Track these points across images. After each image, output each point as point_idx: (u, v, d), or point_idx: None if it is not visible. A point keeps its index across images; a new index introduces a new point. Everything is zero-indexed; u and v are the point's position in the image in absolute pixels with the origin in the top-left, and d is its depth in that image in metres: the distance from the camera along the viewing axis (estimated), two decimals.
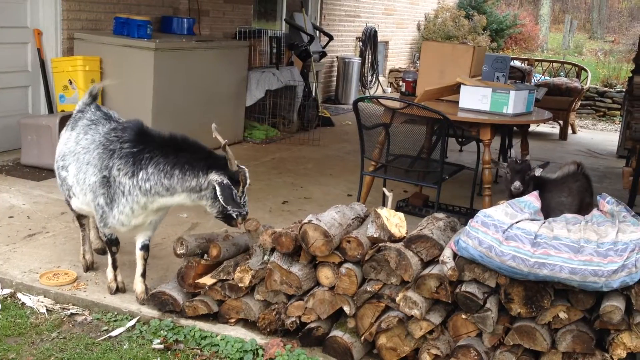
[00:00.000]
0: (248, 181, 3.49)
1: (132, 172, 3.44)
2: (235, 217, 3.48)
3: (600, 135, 11.45)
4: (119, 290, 3.79)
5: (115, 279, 3.78)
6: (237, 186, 3.42)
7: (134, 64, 6.50)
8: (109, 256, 3.77)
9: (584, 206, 4.14)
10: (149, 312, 3.59)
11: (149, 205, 3.50)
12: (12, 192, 5.47)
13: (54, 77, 6.57)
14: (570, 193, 4.22)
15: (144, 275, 3.70)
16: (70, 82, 6.37)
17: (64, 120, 5.18)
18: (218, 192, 3.37)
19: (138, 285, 3.70)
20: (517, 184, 4.06)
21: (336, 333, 3.32)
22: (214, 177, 3.39)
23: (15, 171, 6.04)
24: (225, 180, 3.38)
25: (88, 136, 3.69)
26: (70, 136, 3.80)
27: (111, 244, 3.73)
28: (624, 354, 2.97)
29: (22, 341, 3.32)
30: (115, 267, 3.78)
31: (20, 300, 3.71)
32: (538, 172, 4.15)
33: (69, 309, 3.65)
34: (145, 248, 3.72)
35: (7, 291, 3.79)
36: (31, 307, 3.64)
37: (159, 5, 7.82)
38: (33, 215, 4.93)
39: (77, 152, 3.67)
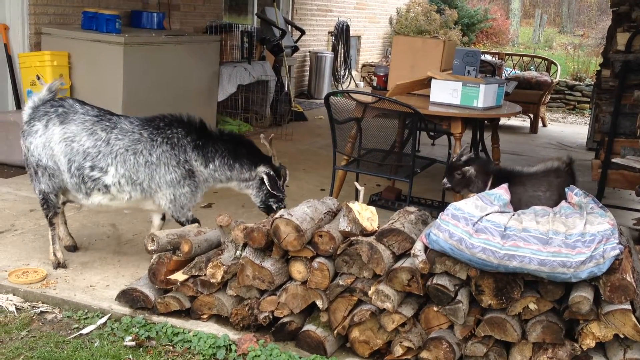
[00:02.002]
0: (287, 178, 4.15)
1: (205, 163, 3.96)
2: (275, 208, 4.03)
3: (570, 128, 11.60)
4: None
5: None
6: (279, 180, 4.05)
7: (103, 59, 6.41)
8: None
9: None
10: (120, 309, 3.56)
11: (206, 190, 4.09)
12: None
13: (21, 72, 6.47)
14: (550, 187, 4.21)
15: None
16: (38, 78, 6.27)
17: None
18: (265, 181, 3.99)
19: None
20: (444, 180, 4.35)
21: (309, 327, 3.33)
22: (262, 169, 4.03)
23: None
24: (272, 172, 4.03)
25: (117, 134, 3.84)
26: (66, 130, 3.80)
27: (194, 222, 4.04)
28: (593, 344, 3.01)
29: None
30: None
31: None
32: (470, 172, 4.19)
33: (38, 307, 3.60)
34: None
35: None
36: (0, 306, 3.59)
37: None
38: (1, 213, 4.86)
39: (119, 153, 3.81)
